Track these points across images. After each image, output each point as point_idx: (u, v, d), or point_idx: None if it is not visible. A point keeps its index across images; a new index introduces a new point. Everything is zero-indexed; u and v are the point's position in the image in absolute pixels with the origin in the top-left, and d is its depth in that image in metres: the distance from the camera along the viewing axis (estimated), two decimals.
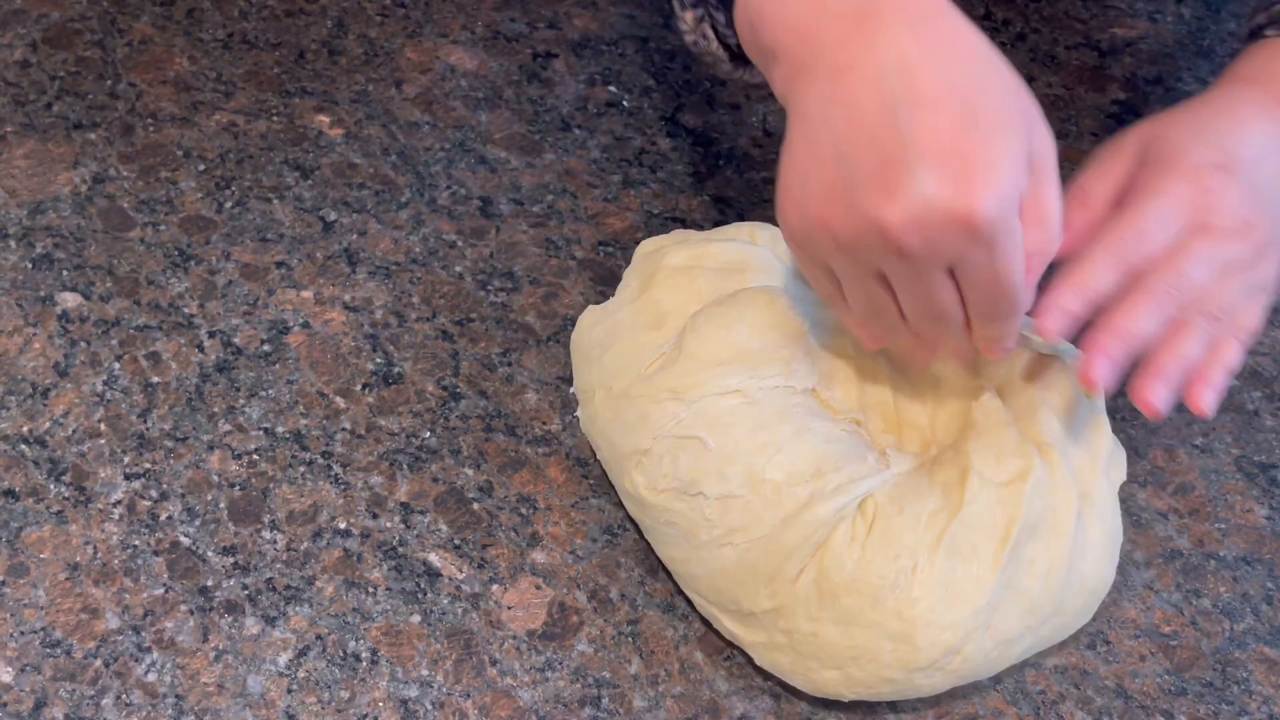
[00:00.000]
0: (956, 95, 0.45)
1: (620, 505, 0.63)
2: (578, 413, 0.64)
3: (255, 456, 0.64)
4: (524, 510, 0.63)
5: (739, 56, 0.60)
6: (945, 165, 0.45)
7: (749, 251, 0.62)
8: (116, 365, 0.67)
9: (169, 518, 0.62)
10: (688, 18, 0.59)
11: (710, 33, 0.60)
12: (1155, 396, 0.52)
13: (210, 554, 0.61)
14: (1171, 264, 0.52)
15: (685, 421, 0.56)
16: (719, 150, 0.80)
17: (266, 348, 0.68)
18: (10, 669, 0.57)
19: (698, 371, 0.57)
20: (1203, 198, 0.53)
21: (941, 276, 0.48)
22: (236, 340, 0.68)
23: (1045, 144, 0.49)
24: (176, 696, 0.56)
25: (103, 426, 0.65)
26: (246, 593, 0.60)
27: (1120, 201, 0.55)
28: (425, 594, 0.60)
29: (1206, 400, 0.52)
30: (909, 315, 0.51)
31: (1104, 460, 0.58)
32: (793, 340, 0.58)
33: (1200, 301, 0.52)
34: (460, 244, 0.74)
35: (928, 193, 0.45)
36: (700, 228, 0.75)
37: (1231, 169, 0.54)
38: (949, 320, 0.50)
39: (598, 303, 0.71)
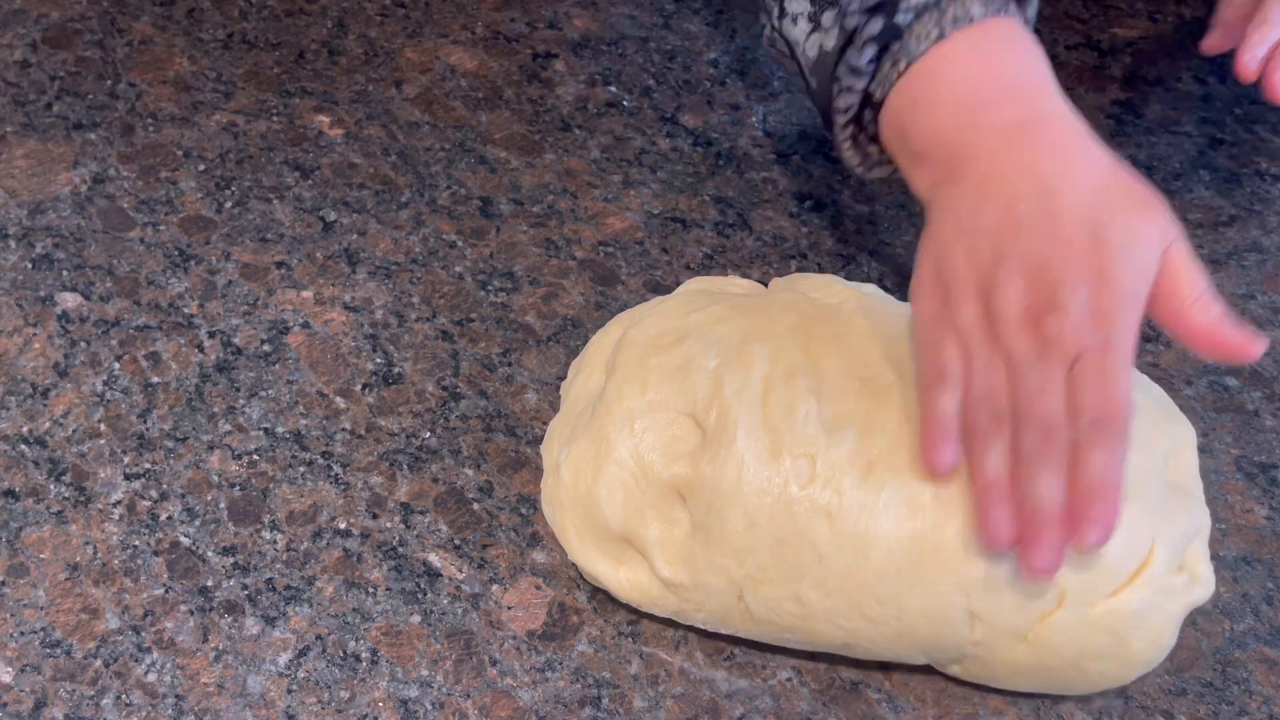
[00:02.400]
0: (1087, 205, 0.52)
1: None
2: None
3: (255, 456, 0.64)
4: (524, 510, 0.63)
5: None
6: (1086, 268, 0.52)
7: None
8: (116, 365, 0.67)
9: (169, 518, 0.62)
10: (848, 145, 0.65)
11: (854, 143, 0.65)
12: None
13: (210, 554, 0.61)
14: None
15: None
16: (719, 150, 0.80)
17: (266, 348, 0.68)
18: (10, 669, 0.57)
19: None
20: None
21: (1065, 370, 0.52)
22: (236, 340, 0.68)
23: (1174, 239, 0.54)
24: (176, 696, 0.56)
25: (103, 426, 0.65)
26: (246, 593, 0.60)
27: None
28: (425, 594, 0.60)
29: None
30: (1019, 413, 0.53)
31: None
32: None
33: None
34: (460, 244, 0.74)
35: (1070, 290, 0.51)
36: (700, 228, 0.75)
37: None
38: (1054, 429, 0.52)
39: (598, 303, 0.71)
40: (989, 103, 0.56)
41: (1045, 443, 0.51)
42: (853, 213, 0.77)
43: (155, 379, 0.67)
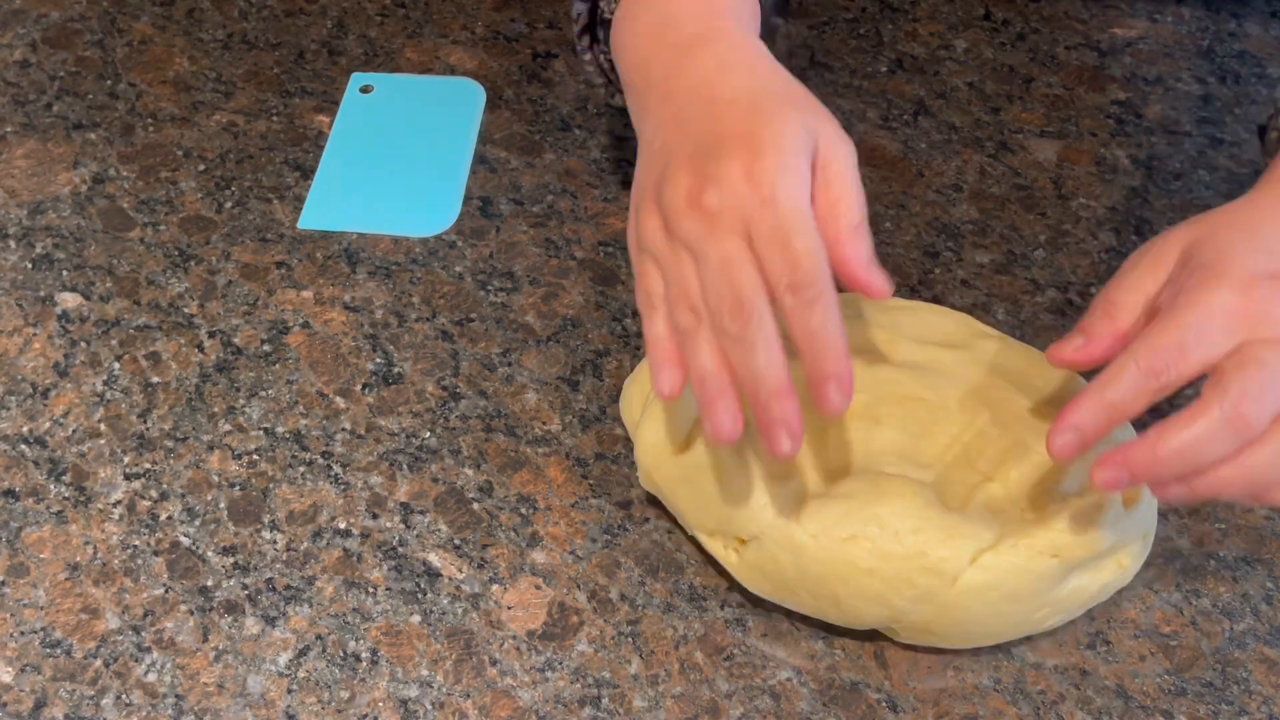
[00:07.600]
0: (744, 96, 0.55)
1: (620, 505, 0.63)
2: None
3: (255, 456, 0.64)
4: (524, 510, 0.63)
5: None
6: (739, 142, 0.53)
7: None
8: (116, 365, 0.67)
9: (169, 518, 0.62)
10: (587, 58, 0.69)
11: (599, 68, 0.68)
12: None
13: (210, 554, 0.61)
14: (1220, 387, 0.48)
15: None
16: None
17: (266, 348, 0.68)
18: (10, 669, 0.57)
19: None
20: (1251, 308, 0.49)
21: (740, 242, 0.52)
22: (236, 340, 0.68)
23: (832, 144, 0.54)
24: (176, 696, 0.56)
25: (103, 426, 0.65)
26: (246, 593, 0.60)
27: (1151, 315, 0.51)
28: (425, 594, 0.60)
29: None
30: (710, 297, 0.52)
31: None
32: None
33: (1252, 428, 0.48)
34: (460, 244, 0.74)
35: (724, 163, 0.52)
36: None
37: None
38: (749, 304, 0.51)
39: (598, 303, 0.71)
40: (675, 18, 0.59)
41: (745, 320, 0.50)
42: None
43: (155, 379, 0.67)
